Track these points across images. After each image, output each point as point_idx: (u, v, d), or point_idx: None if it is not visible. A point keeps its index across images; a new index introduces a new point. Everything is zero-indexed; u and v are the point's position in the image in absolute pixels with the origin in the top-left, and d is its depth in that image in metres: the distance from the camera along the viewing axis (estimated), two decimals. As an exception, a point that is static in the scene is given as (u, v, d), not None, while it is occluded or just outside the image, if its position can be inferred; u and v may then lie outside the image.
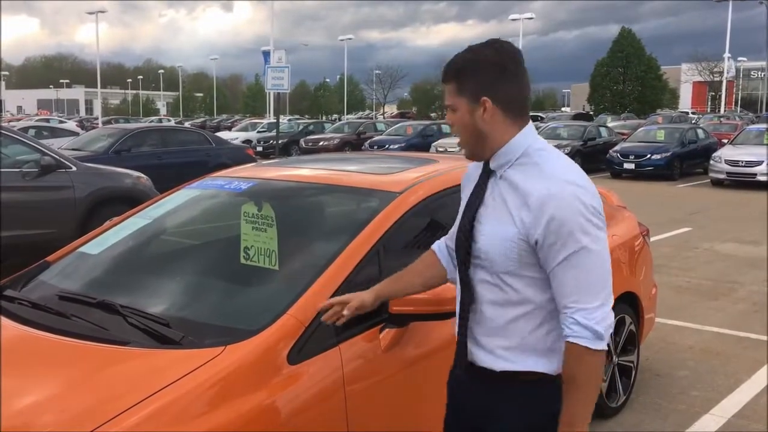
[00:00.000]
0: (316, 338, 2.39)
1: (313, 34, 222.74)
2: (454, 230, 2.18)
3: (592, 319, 1.82)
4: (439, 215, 3.16)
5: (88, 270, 3.11)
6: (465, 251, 1.98)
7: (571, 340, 1.84)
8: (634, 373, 4.34)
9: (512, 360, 1.96)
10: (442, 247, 2.32)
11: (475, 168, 2.10)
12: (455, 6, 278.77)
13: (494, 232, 1.91)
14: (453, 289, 2.44)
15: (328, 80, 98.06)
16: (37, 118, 43.49)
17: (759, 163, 16.93)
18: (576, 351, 1.84)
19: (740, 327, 5.95)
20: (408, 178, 3.12)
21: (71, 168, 8.16)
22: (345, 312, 2.26)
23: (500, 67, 1.88)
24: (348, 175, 3.34)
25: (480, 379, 2.03)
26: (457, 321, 2.07)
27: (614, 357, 4.11)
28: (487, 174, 1.99)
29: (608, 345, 4.04)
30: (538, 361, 1.96)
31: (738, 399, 4.44)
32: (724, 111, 50.60)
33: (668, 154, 19.07)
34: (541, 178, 1.85)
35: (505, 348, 1.96)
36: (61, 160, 8.15)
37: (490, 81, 1.88)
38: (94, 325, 2.47)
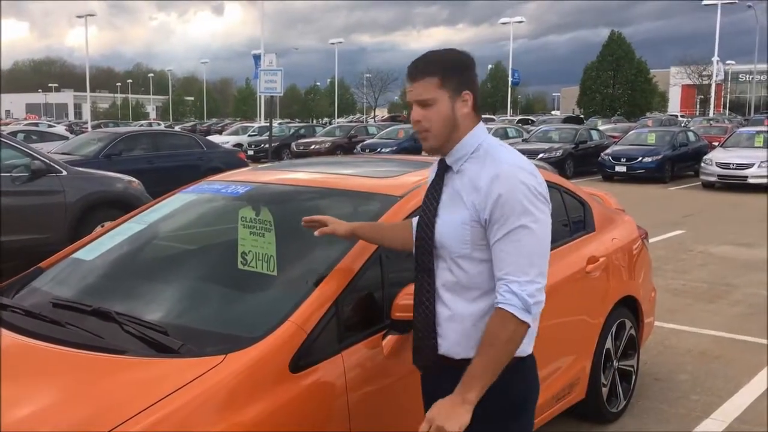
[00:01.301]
0: (318, 346, 2.34)
1: (305, 38, 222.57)
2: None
3: (524, 291, 1.95)
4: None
5: (82, 276, 3.04)
6: (428, 245, 2.12)
7: (500, 305, 1.96)
8: (634, 377, 4.31)
9: (468, 346, 2.06)
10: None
11: (432, 169, 2.26)
12: (446, 9, 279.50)
13: (449, 219, 2.07)
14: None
15: (318, 84, 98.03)
16: (25, 122, 43.18)
17: (750, 165, 16.99)
18: (501, 316, 1.95)
19: (738, 330, 5.94)
20: (408, 182, 3.07)
21: (62, 172, 8.08)
22: (316, 233, 2.48)
23: (473, 69, 2.12)
24: (347, 179, 3.30)
25: (443, 367, 2.14)
26: (416, 317, 2.18)
27: (615, 361, 4.07)
28: (443, 170, 2.15)
29: (609, 349, 4.02)
30: None
31: (739, 402, 4.41)
32: (713, 114, 50.86)
33: (659, 156, 19.11)
34: (492, 165, 2.03)
35: (463, 333, 2.08)
36: (52, 164, 8.07)
37: (469, 78, 2.09)
38: (89, 333, 2.40)
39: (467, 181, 2.06)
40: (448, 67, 2.05)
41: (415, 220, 2.40)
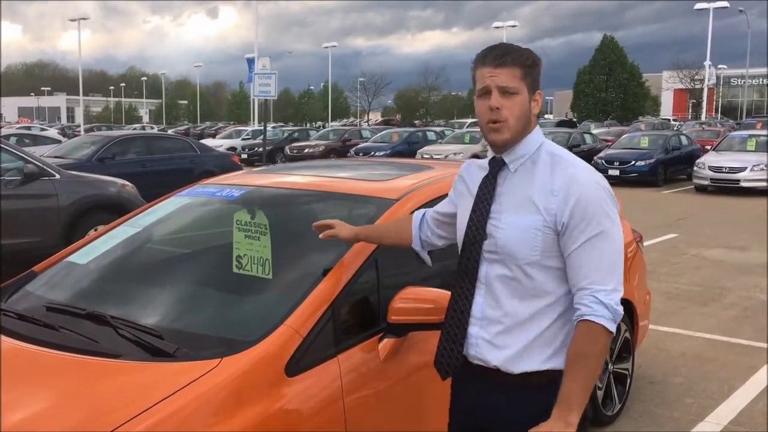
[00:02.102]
0: (314, 349, 2.33)
1: (300, 41, 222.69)
2: (441, 212, 2.31)
3: (611, 300, 1.86)
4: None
5: (76, 280, 3.02)
6: (477, 248, 2.00)
7: (589, 318, 1.85)
8: (629, 380, 4.31)
9: (528, 357, 1.96)
10: (419, 216, 2.41)
11: (472, 168, 2.17)
12: (441, 13, 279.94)
13: (515, 223, 1.95)
14: (453, 298, 2.40)
15: (312, 87, 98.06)
16: (18, 125, 43.02)
17: (742, 169, 17.07)
18: (592, 330, 1.84)
19: (731, 333, 5.95)
20: (404, 185, 3.07)
21: (55, 176, 8.05)
22: (321, 236, 2.49)
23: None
24: (343, 182, 3.29)
25: (492, 380, 2.02)
26: (448, 321, 2.07)
27: (610, 365, 4.07)
28: (496, 169, 2.04)
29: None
30: (553, 359, 1.97)
31: (733, 405, 4.42)
32: (705, 118, 51.07)
33: (652, 160, 19.18)
34: (565, 168, 1.94)
35: (522, 345, 1.97)
36: (45, 168, 8.04)
37: (538, 80, 2.02)
38: (83, 337, 2.38)
39: (533, 182, 1.95)
40: (530, 63, 1.97)
41: (418, 213, 2.41)
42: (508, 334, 1.98)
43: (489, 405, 2.04)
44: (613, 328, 1.86)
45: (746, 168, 17.04)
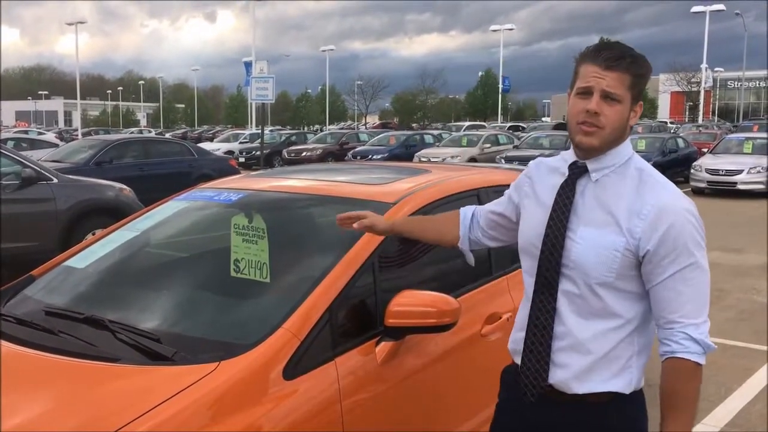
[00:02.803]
0: (311, 353, 2.34)
1: (298, 44, 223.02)
2: (492, 211, 2.22)
3: (703, 334, 1.80)
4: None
5: (74, 284, 3.03)
6: (556, 261, 1.88)
7: (682, 356, 1.79)
8: (626, 383, 4.31)
9: (587, 379, 1.88)
10: (468, 215, 2.31)
11: (542, 169, 2.06)
12: (439, 17, 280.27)
13: (593, 240, 1.84)
14: (450, 302, 2.41)
15: (310, 91, 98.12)
16: (15, 129, 42.99)
17: (739, 171, 17.12)
18: (687, 367, 1.78)
19: (728, 335, 5.97)
20: (401, 189, 3.08)
21: (52, 180, 8.06)
22: (355, 225, 2.34)
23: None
24: (340, 186, 3.30)
25: (549, 400, 1.94)
26: (529, 337, 1.95)
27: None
28: (576, 175, 1.91)
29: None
30: (613, 380, 1.89)
31: (731, 407, 4.43)
32: (702, 120, 51.18)
33: (650, 163, 19.19)
34: (655, 190, 1.83)
35: (584, 366, 1.88)
36: (42, 172, 8.05)
37: (643, 92, 1.92)
38: (82, 341, 2.39)
39: (618, 198, 1.83)
40: (642, 72, 1.85)
41: (466, 210, 2.32)
42: (567, 353, 1.90)
43: (542, 420, 1.97)
44: (704, 361, 1.80)
45: (743, 170, 17.10)
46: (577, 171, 1.91)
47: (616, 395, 1.88)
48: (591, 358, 1.88)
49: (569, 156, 1.97)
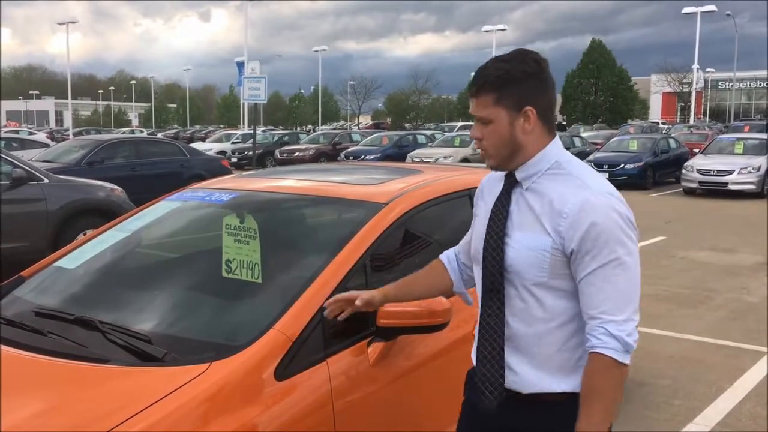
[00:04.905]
0: (303, 353, 2.33)
1: (291, 45, 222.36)
2: (467, 242, 2.20)
3: (623, 331, 1.79)
4: (425, 226, 3.13)
5: (65, 285, 3.01)
6: (498, 265, 1.91)
7: (600, 351, 1.79)
8: (617, 382, 4.32)
9: (539, 380, 1.91)
10: (452, 258, 2.31)
11: (492, 180, 2.09)
12: (434, 16, 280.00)
13: (524, 242, 1.88)
14: (442, 302, 2.41)
15: (302, 91, 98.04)
16: (6, 129, 42.78)
17: (730, 172, 17.20)
18: (604, 363, 1.78)
19: (719, 335, 6.00)
20: (393, 189, 3.08)
21: (43, 180, 8.02)
22: (358, 302, 2.22)
23: (540, 78, 1.90)
24: (332, 186, 3.30)
25: (507, 402, 1.95)
26: (481, 343, 1.97)
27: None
28: (510, 185, 1.97)
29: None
30: (565, 380, 1.90)
31: (721, 407, 4.45)
32: (694, 121, 51.40)
33: (641, 163, 19.30)
34: (578, 188, 1.85)
35: (533, 366, 1.91)
36: (33, 172, 8.01)
37: (532, 91, 1.88)
38: (72, 342, 2.38)
39: (548, 203, 1.86)
40: (504, 82, 1.86)
41: (447, 255, 2.32)
42: (518, 356, 1.93)
43: (502, 422, 1.98)
44: (624, 359, 1.78)
45: (734, 171, 17.18)
46: (511, 181, 1.97)
47: (572, 394, 1.89)
48: (539, 359, 1.91)
49: None
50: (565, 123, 54.33)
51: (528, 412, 1.94)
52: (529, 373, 1.92)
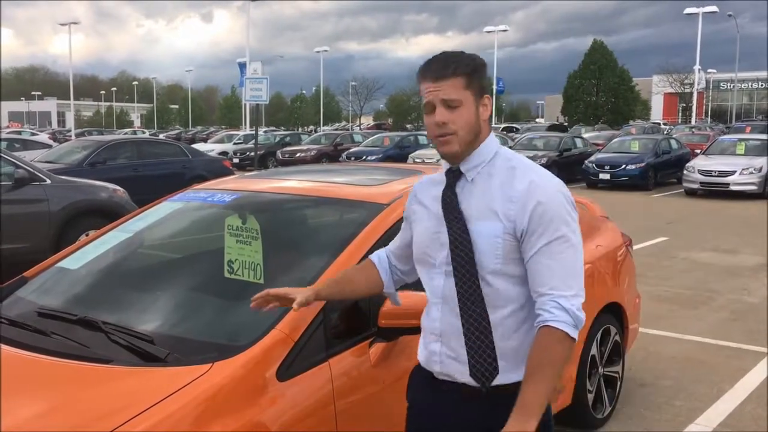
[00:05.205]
0: (305, 354, 2.35)
1: (293, 45, 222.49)
2: (399, 247, 2.23)
3: (574, 305, 1.84)
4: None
5: (68, 285, 3.03)
6: (468, 259, 1.91)
7: (552, 324, 1.82)
8: (619, 383, 4.33)
9: (497, 370, 1.92)
10: (383, 259, 2.30)
11: (426, 184, 2.11)
12: (436, 17, 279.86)
13: (478, 232, 1.91)
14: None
15: (304, 92, 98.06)
16: (8, 130, 42.83)
17: (732, 173, 17.18)
18: (556, 336, 1.82)
19: (721, 336, 5.99)
20: (395, 190, 3.09)
21: (45, 181, 8.03)
22: (295, 306, 2.12)
23: (486, 74, 2.00)
24: (334, 187, 3.31)
25: (461, 396, 1.97)
26: (466, 339, 1.96)
27: (600, 368, 4.10)
28: (454, 179, 1.99)
29: (594, 356, 4.04)
30: (519, 369, 1.90)
31: (722, 408, 4.45)
32: (695, 122, 51.36)
33: (643, 164, 19.28)
34: (524, 174, 1.91)
35: (490, 357, 1.92)
36: (35, 173, 8.02)
37: (486, 84, 1.97)
38: (75, 342, 2.39)
39: (496, 190, 1.91)
40: (471, 70, 1.91)
41: (378, 255, 2.30)
42: (472, 348, 1.93)
43: (460, 420, 1.99)
44: (575, 334, 1.83)
45: (736, 171, 17.15)
46: (454, 175, 2.00)
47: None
48: (496, 348, 1.92)
49: (446, 165, 2.05)
50: (566, 124, 54.28)
51: (487, 407, 1.94)
52: (488, 364, 1.92)
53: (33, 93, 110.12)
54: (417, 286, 2.42)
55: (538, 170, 1.95)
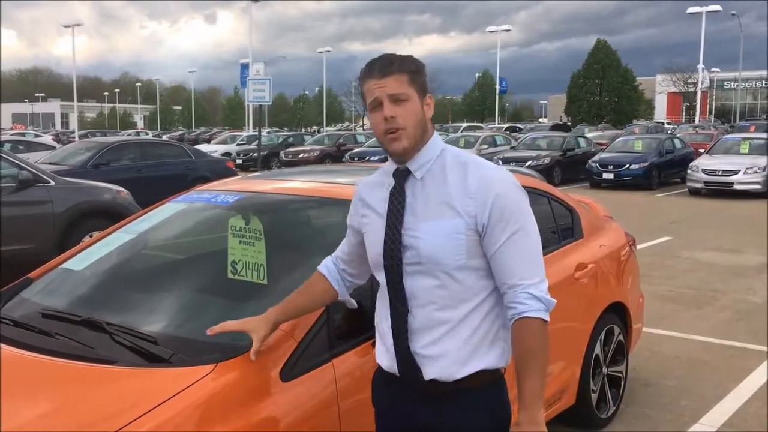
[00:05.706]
0: (308, 354, 2.35)
1: (296, 46, 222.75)
2: (347, 252, 2.24)
3: (543, 291, 1.92)
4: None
5: (72, 287, 3.03)
6: (398, 262, 1.95)
7: (528, 315, 1.89)
8: (623, 383, 4.33)
9: (467, 362, 1.95)
10: (331, 268, 2.30)
11: (370, 185, 2.12)
12: (439, 18, 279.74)
13: (436, 231, 1.92)
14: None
15: (307, 92, 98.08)
16: (12, 132, 42.90)
17: (736, 172, 17.14)
18: (534, 326, 1.89)
19: (725, 335, 5.98)
20: (398, 190, 3.08)
21: (49, 182, 8.05)
22: (256, 345, 2.16)
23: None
24: (337, 187, 3.31)
25: (427, 394, 1.99)
26: (395, 343, 2.00)
27: (604, 367, 4.09)
28: (402, 178, 2.00)
29: (598, 355, 4.04)
30: (488, 355, 1.97)
31: (726, 408, 4.44)
32: (699, 121, 51.26)
33: (646, 163, 19.25)
34: (477, 169, 1.95)
35: (460, 349, 1.95)
36: (39, 174, 8.04)
37: (427, 85, 2.01)
38: (79, 343, 2.40)
39: (452, 187, 1.92)
40: (414, 68, 1.96)
41: (326, 264, 2.29)
42: (439, 344, 1.95)
43: (429, 418, 2.01)
44: (547, 318, 1.91)
45: (740, 171, 17.11)
46: (402, 175, 2.00)
47: (489, 373, 1.98)
48: (462, 340, 1.95)
49: (390, 167, 2.05)
50: (570, 123, 54.21)
51: (450, 402, 1.98)
52: (459, 357, 1.95)
53: (36, 95, 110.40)
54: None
55: (488, 164, 2.00)
